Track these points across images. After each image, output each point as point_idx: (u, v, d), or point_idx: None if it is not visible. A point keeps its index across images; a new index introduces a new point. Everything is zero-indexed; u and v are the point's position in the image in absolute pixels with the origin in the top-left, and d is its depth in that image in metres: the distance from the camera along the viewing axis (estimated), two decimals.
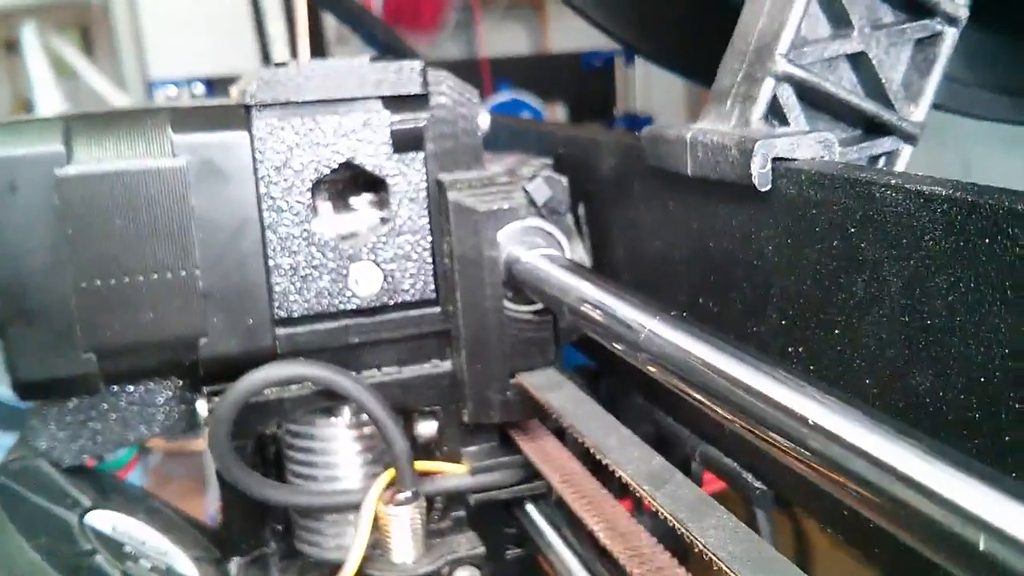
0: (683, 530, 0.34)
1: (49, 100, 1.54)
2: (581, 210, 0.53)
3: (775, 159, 0.36)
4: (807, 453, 0.28)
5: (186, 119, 0.47)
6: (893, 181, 0.31)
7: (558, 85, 1.66)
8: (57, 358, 0.46)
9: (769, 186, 0.36)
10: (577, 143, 0.53)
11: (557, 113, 1.73)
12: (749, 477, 0.41)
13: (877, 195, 0.32)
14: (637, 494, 0.37)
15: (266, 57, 1.61)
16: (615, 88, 1.70)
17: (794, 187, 0.35)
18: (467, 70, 1.68)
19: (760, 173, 0.36)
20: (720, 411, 0.32)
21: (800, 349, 0.36)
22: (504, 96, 1.63)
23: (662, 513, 0.35)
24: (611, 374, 0.55)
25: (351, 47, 1.74)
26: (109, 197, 0.45)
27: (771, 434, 0.29)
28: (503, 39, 2.26)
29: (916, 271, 0.31)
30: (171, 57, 2.17)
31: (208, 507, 1.68)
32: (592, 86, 1.70)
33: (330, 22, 1.66)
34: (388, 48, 0.80)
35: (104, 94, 1.78)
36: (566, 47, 2.13)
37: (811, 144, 0.36)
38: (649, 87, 1.69)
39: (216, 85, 1.36)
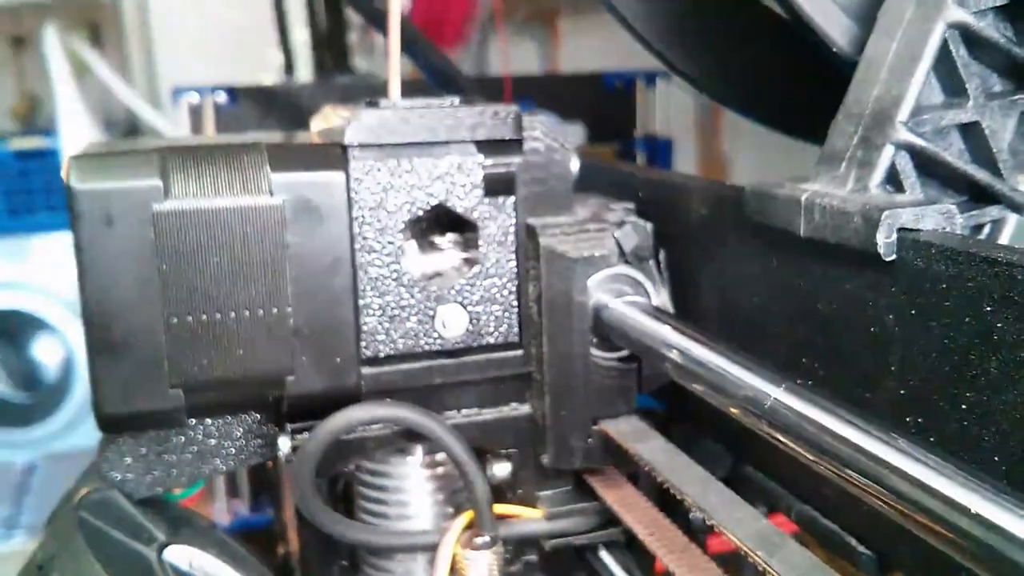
0: None
1: (70, 101, 1.53)
2: (662, 256, 0.53)
3: (900, 228, 0.36)
4: (944, 528, 0.28)
5: (284, 157, 0.46)
6: None
7: (578, 105, 1.65)
8: (143, 392, 0.46)
9: (894, 256, 0.36)
10: (661, 187, 0.53)
11: (575, 133, 1.73)
12: (853, 541, 0.41)
13: (1019, 277, 0.32)
14: (750, 559, 0.37)
15: (289, 68, 1.61)
16: (635, 109, 1.71)
17: (921, 259, 0.36)
18: (490, 88, 1.68)
19: (886, 243, 0.36)
20: (848, 479, 0.32)
21: (920, 420, 0.37)
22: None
23: None
24: (685, 420, 0.55)
25: (375, 57, 1.74)
26: (205, 233, 0.45)
27: (905, 507, 0.30)
28: (515, 55, 2.27)
29: None
30: (182, 60, 2.16)
31: (215, 515, 1.68)
32: (612, 107, 1.70)
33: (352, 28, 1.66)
34: (439, 72, 0.80)
35: (120, 95, 1.77)
36: (577, 66, 2.14)
37: (935, 215, 0.37)
38: (669, 110, 1.70)
39: (239, 95, 1.35)
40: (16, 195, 1.65)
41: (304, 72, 1.61)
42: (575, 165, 0.50)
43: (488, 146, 0.49)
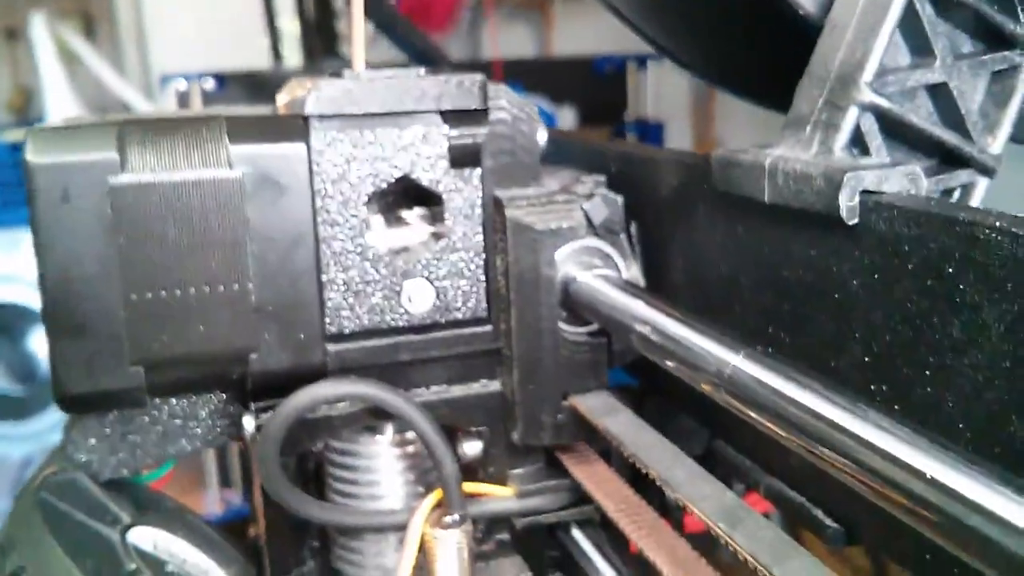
0: (766, 573, 0.33)
1: (57, 90, 1.53)
2: (633, 229, 0.52)
3: (863, 192, 0.35)
4: (907, 499, 0.27)
5: (243, 129, 0.45)
6: (999, 223, 0.30)
7: (569, 88, 1.64)
8: (104, 371, 0.45)
9: (857, 219, 0.35)
10: (632, 161, 0.52)
11: (566, 116, 1.72)
12: (819, 513, 0.40)
13: (980, 236, 0.31)
14: (713, 533, 0.36)
15: (277, 54, 1.60)
16: (626, 93, 1.69)
17: (884, 222, 0.35)
18: (479, 72, 1.67)
19: (848, 206, 0.35)
20: (811, 451, 0.31)
21: (884, 387, 0.36)
22: None
23: (742, 554, 0.35)
24: (658, 395, 0.54)
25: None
26: (163, 207, 0.44)
27: (867, 478, 0.29)
28: (507, 41, 2.26)
29: (1020, 316, 0.30)
30: (174, 48, 2.15)
31: (206, 505, 1.68)
32: (603, 90, 1.69)
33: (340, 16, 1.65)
34: (419, 52, 0.79)
35: (109, 84, 1.76)
36: (570, 49, 2.13)
37: (899, 177, 0.36)
38: (660, 92, 1.69)
39: (228, 81, 1.34)
40: (9, 187, 1.65)
41: (293, 58, 1.60)
42: (542, 136, 0.50)
43: (453, 116, 0.48)
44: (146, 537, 0.48)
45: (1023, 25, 0.41)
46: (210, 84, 1.45)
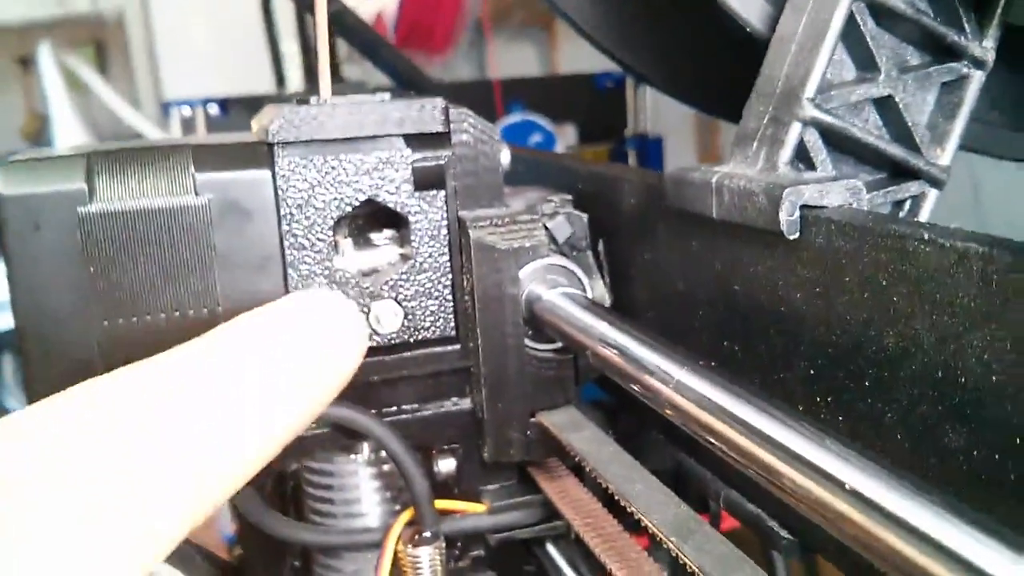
0: None
1: (65, 118, 1.55)
2: (601, 246, 0.52)
3: (803, 206, 0.36)
4: (832, 511, 0.28)
5: (209, 157, 0.46)
6: (927, 235, 0.31)
7: (569, 106, 1.65)
8: None
9: (797, 234, 0.36)
10: (598, 180, 0.53)
11: (568, 134, 1.73)
12: (774, 524, 0.41)
13: (910, 249, 0.31)
14: (664, 545, 0.37)
15: (280, 79, 1.62)
16: (626, 109, 1.70)
17: (823, 236, 0.35)
18: (479, 91, 1.68)
19: (788, 221, 0.36)
20: (747, 464, 0.32)
21: (829, 399, 0.36)
22: (516, 117, 1.63)
23: (690, 566, 0.35)
24: (629, 411, 0.54)
25: (365, 66, 1.75)
26: (132, 235, 0.45)
27: (796, 489, 0.29)
28: (514, 59, 2.27)
29: (951, 327, 0.30)
30: (185, 75, 2.18)
31: (220, 526, 1.68)
32: (603, 107, 1.70)
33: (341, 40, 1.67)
34: (403, 75, 0.80)
35: (118, 111, 1.79)
36: (576, 67, 2.14)
37: (839, 191, 0.36)
38: (659, 108, 1.70)
39: (231, 105, 1.36)
40: None
41: (296, 82, 1.62)
42: (505, 157, 0.50)
43: (416, 140, 0.49)
44: None
45: (968, 36, 0.41)
46: (214, 110, 1.46)
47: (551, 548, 0.53)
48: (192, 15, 2.33)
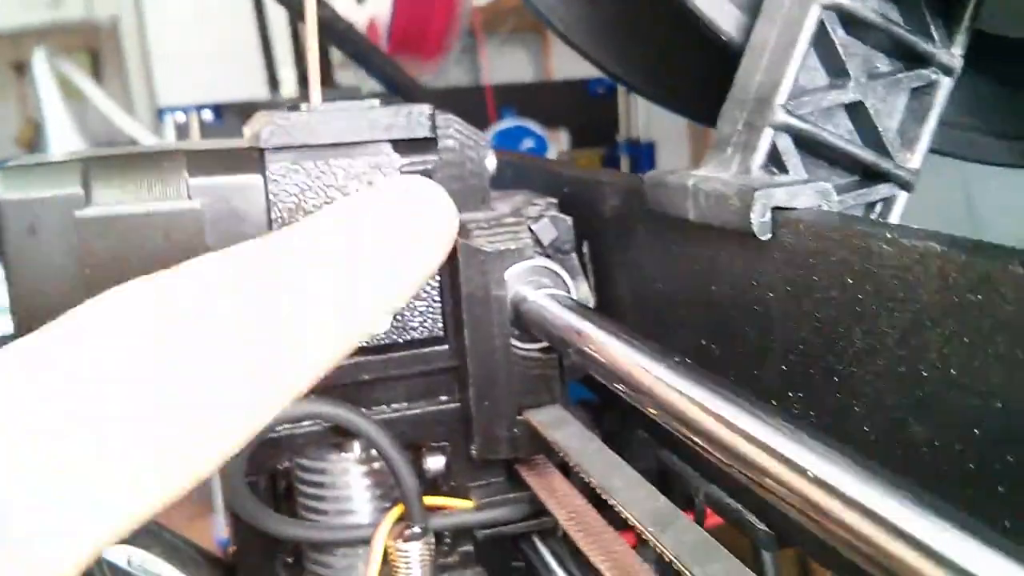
0: (688, 574, 0.35)
1: (60, 125, 1.56)
2: (585, 248, 0.54)
3: (775, 208, 0.37)
4: (803, 502, 0.29)
5: (202, 162, 0.48)
6: (889, 235, 0.32)
7: (561, 111, 1.67)
8: None
9: (769, 235, 0.37)
10: (582, 184, 0.54)
11: (560, 139, 1.74)
12: (753, 519, 0.42)
13: (874, 249, 0.33)
14: (642, 536, 0.38)
15: (274, 84, 1.63)
16: (618, 114, 1.72)
17: (793, 237, 0.36)
18: (472, 96, 1.70)
19: (760, 222, 0.37)
20: (722, 459, 0.33)
21: (801, 394, 0.37)
22: (508, 122, 1.64)
23: (666, 556, 0.36)
24: (614, 409, 0.56)
25: (360, 72, 1.76)
26: (127, 239, 0.46)
27: (769, 482, 0.31)
28: (507, 65, 2.29)
29: (912, 324, 0.32)
30: (180, 81, 2.19)
31: (215, 530, 1.69)
32: (595, 113, 1.71)
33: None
34: (394, 82, 0.82)
35: (113, 118, 1.80)
36: (569, 73, 2.16)
37: (809, 194, 0.38)
38: (652, 114, 1.71)
39: (225, 111, 1.37)
40: None
41: (290, 87, 1.63)
42: (491, 162, 0.52)
43: (404, 145, 0.50)
44: (120, 553, 0.50)
45: (937, 44, 0.43)
46: (208, 115, 1.47)
47: (538, 543, 0.54)
48: (186, 21, 2.35)
